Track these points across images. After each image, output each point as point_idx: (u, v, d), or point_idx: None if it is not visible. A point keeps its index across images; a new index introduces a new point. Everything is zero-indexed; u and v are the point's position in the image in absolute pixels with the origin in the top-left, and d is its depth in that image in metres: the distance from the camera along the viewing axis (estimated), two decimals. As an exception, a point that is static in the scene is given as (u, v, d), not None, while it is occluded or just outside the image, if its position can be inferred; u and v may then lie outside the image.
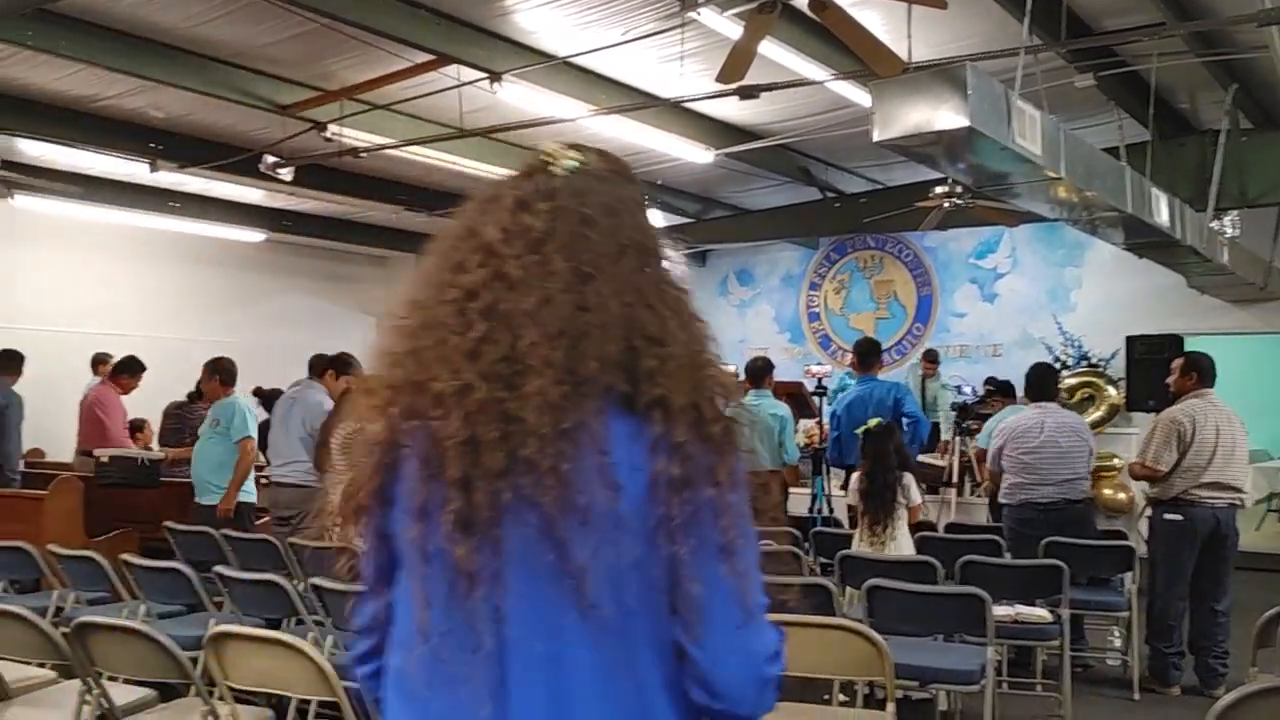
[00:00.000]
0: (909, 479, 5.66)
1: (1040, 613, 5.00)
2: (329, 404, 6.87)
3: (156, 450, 8.57)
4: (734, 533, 1.30)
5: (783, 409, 7.52)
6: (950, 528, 7.15)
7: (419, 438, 1.33)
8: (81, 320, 10.49)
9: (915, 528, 5.78)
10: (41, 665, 4.15)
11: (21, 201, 9.06)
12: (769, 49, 5.72)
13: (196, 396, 8.39)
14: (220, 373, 7.34)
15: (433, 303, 1.36)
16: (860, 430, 6.01)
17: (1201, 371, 5.98)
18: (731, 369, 9.62)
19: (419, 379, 1.32)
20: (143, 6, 6.20)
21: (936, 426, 9.96)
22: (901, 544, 5.53)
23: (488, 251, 1.35)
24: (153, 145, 8.58)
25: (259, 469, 8.63)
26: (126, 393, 8.77)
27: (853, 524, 6.03)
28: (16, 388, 8.12)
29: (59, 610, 5.23)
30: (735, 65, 5.37)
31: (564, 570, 1.27)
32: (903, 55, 5.25)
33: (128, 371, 8.65)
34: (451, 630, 1.30)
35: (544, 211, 1.36)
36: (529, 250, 1.33)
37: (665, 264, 1.41)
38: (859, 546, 5.59)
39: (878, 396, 7.29)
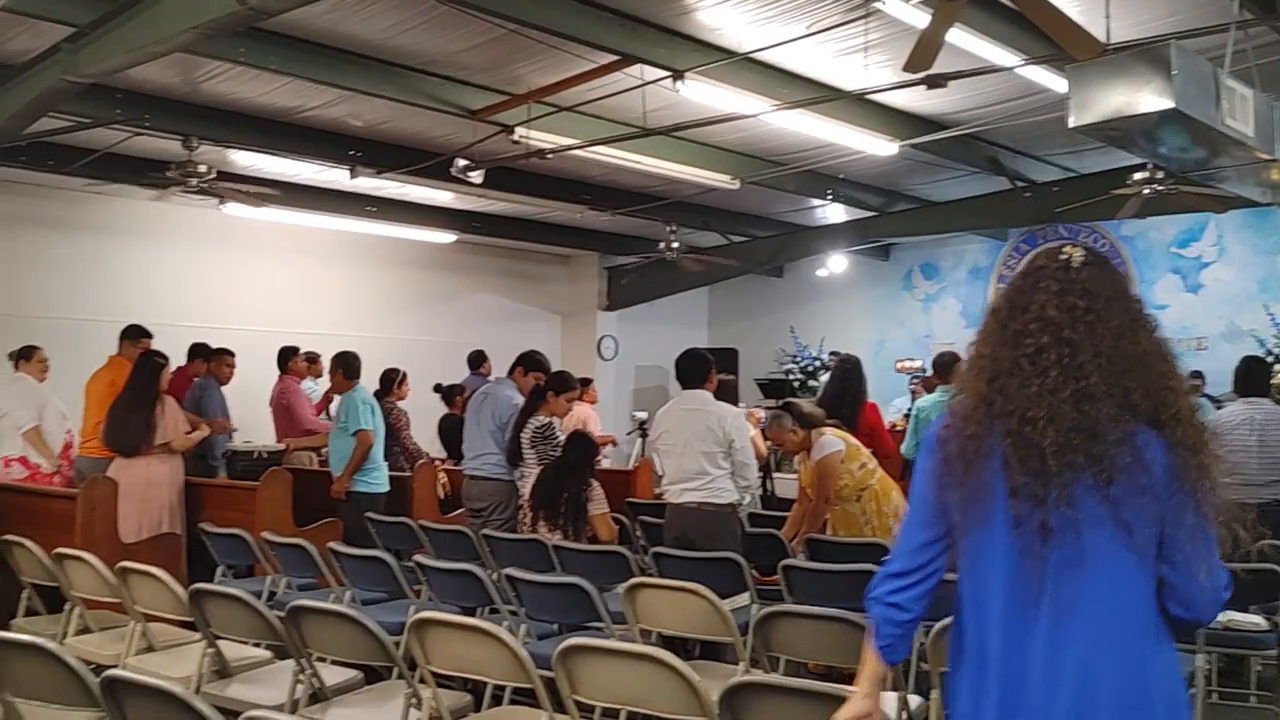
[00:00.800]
0: None
1: (1255, 620, 4.73)
2: (518, 399, 7.04)
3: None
4: (1208, 505, 1.97)
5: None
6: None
7: (1005, 444, 2.04)
8: (285, 320, 11.07)
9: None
10: (257, 645, 4.40)
11: (232, 209, 9.62)
12: (957, 35, 5.58)
13: (384, 393, 8.77)
14: (344, 367, 7.68)
15: (1006, 359, 2.07)
16: None
17: None
18: (917, 363, 9.41)
19: (1008, 408, 2.04)
20: (344, 20, 6.48)
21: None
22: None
23: (1046, 322, 2.05)
24: (352, 152, 8.97)
25: (443, 461, 8.96)
26: (302, 379, 9.25)
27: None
28: (230, 384, 8.67)
29: (271, 594, 5.54)
30: (922, 54, 5.26)
31: (1116, 521, 1.96)
32: (1100, 36, 5.04)
33: (290, 358, 9.19)
34: (1024, 568, 2.01)
35: (1083, 294, 2.05)
36: (1077, 322, 2.03)
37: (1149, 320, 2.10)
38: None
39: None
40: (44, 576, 5.25)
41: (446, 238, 12.16)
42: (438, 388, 10.06)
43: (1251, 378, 6.25)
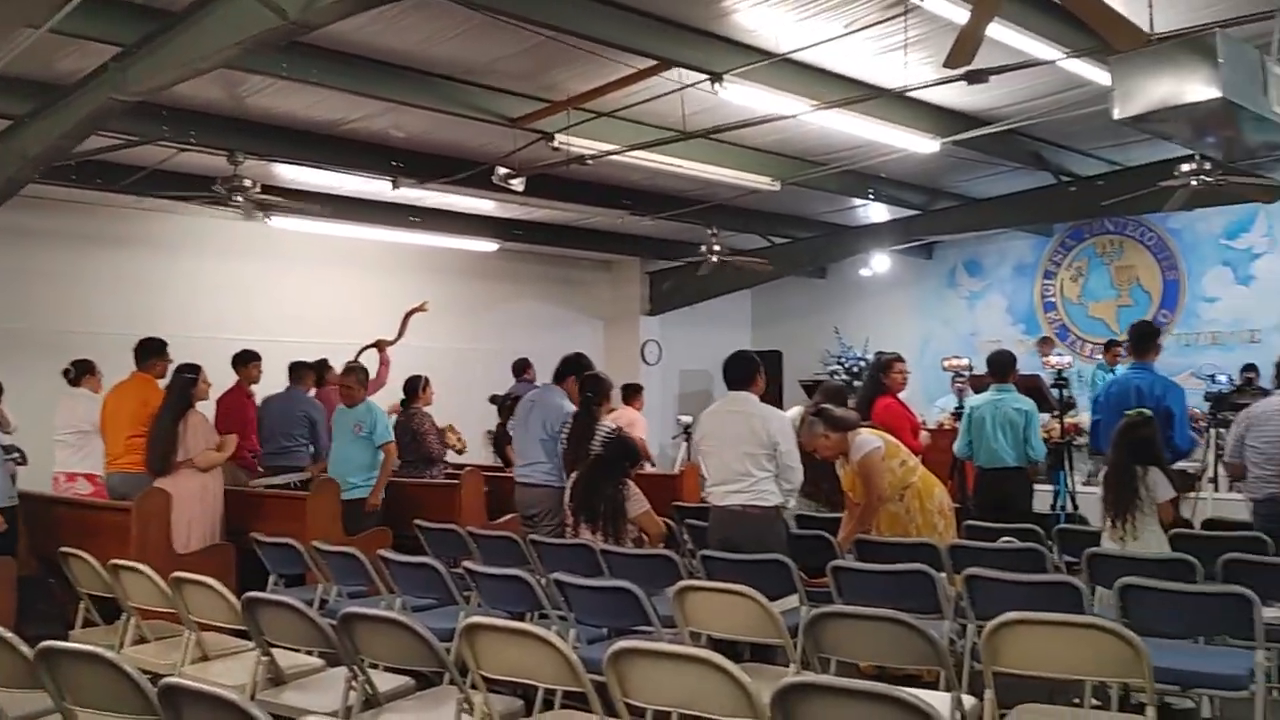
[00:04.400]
0: (1155, 474, 5.33)
1: (1317, 615, 4.63)
2: (569, 407, 7.02)
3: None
4: None
5: (1027, 404, 7.25)
6: (1208, 524, 6.70)
7: None
8: (331, 330, 11.12)
9: (1171, 525, 5.45)
10: (310, 653, 4.44)
11: (277, 221, 9.72)
12: (997, 30, 5.53)
13: (409, 399, 8.87)
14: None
15: None
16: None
17: None
18: (964, 361, 9.14)
19: None
20: (382, 33, 6.53)
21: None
22: (1148, 541, 5.22)
23: None
24: (394, 164, 9.05)
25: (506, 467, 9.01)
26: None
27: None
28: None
29: (323, 603, 5.58)
30: (962, 50, 5.20)
31: None
32: (1144, 26, 4.98)
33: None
34: None
35: None
36: None
37: None
38: (1105, 543, 5.34)
39: (1140, 387, 6.79)
40: (100, 588, 5.33)
41: (489, 246, 12.23)
42: (494, 399, 10.12)
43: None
